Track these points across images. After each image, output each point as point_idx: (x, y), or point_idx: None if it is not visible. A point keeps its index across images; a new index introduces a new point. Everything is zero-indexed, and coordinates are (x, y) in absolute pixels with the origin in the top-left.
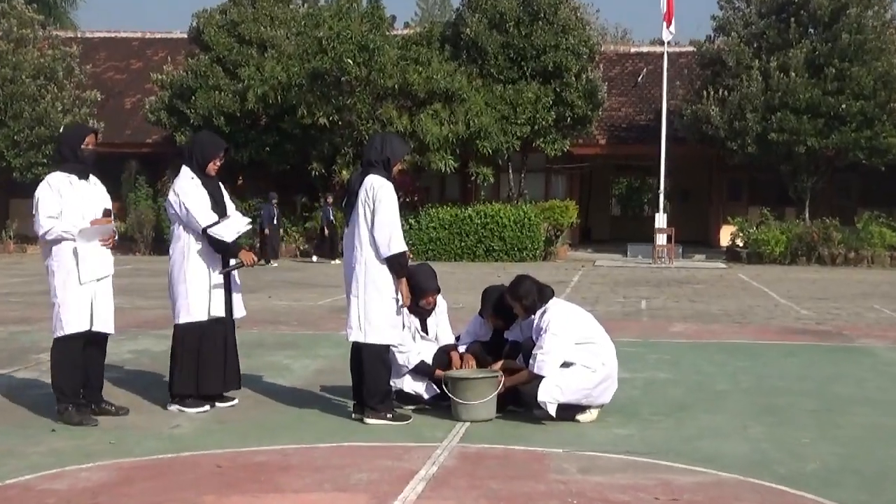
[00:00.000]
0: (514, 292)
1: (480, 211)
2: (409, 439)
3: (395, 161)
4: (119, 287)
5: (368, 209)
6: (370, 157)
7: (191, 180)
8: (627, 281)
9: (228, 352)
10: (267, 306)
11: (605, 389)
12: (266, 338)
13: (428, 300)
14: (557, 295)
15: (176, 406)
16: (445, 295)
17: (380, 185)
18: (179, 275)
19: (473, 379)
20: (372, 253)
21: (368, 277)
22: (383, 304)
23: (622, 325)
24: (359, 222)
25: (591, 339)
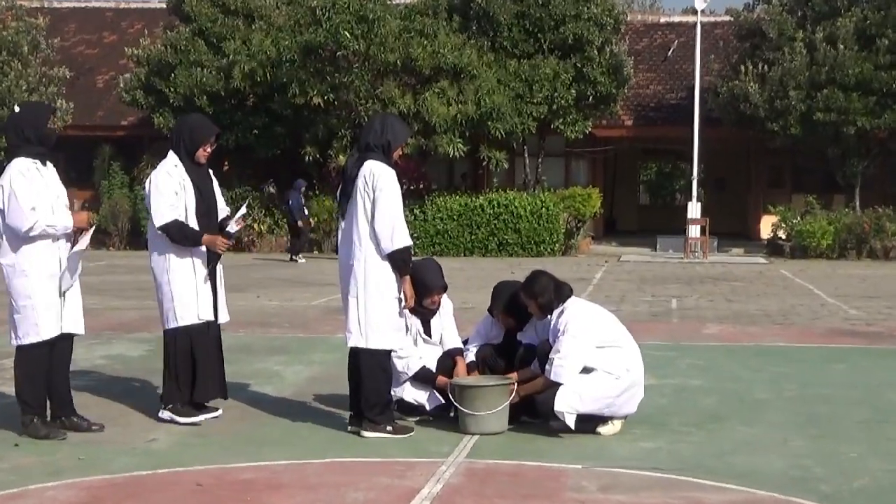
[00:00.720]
0: (529, 289)
1: (493, 200)
2: (410, 454)
3: (396, 146)
4: (91, 286)
5: (368, 199)
6: (368, 141)
7: (174, 168)
8: (656, 278)
9: (212, 358)
10: (255, 306)
11: (630, 398)
12: (254, 342)
13: (433, 299)
14: (578, 293)
15: (168, 413)
16: (453, 294)
17: (380, 171)
18: (162, 276)
19: (483, 387)
20: (372, 248)
21: (369, 276)
22: (385, 304)
23: (650, 327)
24: (357, 214)
25: (615, 343)
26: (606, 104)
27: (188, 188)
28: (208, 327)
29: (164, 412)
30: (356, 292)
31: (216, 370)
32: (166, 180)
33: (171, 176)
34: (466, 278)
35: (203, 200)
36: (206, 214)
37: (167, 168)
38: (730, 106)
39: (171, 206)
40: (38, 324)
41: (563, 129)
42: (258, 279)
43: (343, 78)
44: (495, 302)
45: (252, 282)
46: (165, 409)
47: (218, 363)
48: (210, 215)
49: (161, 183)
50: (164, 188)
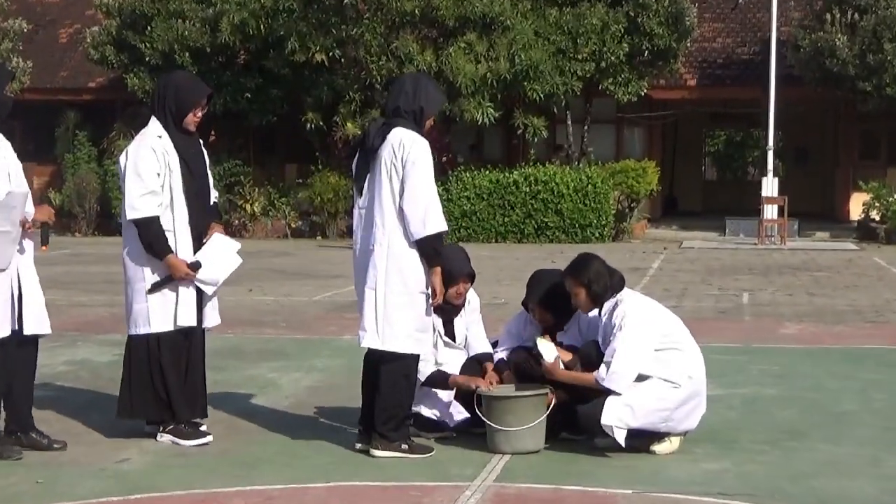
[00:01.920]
0: (580, 275)
1: (529, 176)
2: (429, 477)
3: (429, 113)
4: (54, 278)
5: (396, 174)
6: (398, 104)
7: (157, 140)
8: (725, 267)
9: (191, 372)
10: (247, 303)
11: (691, 410)
12: (245, 344)
13: (458, 290)
14: (632, 286)
15: (168, 437)
16: (481, 287)
17: (412, 141)
18: (136, 271)
19: (515, 398)
20: (399, 232)
21: (391, 264)
22: (410, 300)
23: (716, 326)
24: (381, 191)
25: (675, 345)
26: (665, 60)
27: (174, 166)
28: (186, 337)
29: (162, 435)
30: (375, 283)
31: (192, 387)
32: (148, 159)
33: (154, 152)
34: (497, 268)
35: (194, 178)
36: (198, 195)
37: (149, 141)
38: (813, 62)
39: (151, 194)
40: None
41: (613, 91)
42: (251, 270)
43: (351, 31)
44: (531, 294)
45: (243, 273)
46: (164, 431)
47: (198, 378)
48: (202, 196)
49: (141, 163)
50: (144, 170)
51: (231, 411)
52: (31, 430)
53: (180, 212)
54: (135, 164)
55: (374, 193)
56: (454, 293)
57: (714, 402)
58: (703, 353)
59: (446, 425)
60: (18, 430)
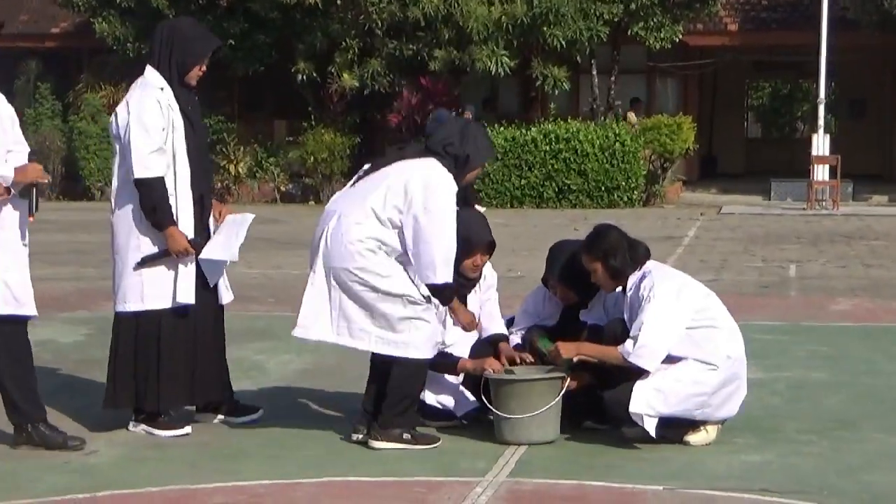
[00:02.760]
0: (595, 249)
1: (549, 133)
2: (435, 471)
3: (474, 165)
4: None
5: (404, 210)
6: (441, 140)
7: (160, 93)
8: (769, 236)
9: (201, 357)
10: (231, 275)
11: (730, 396)
12: (229, 322)
13: (475, 261)
14: (665, 256)
15: (142, 427)
16: (494, 258)
17: (443, 188)
18: (128, 239)
19: (519, 381)
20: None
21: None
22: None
23: (759, 303)
24: (376, 213)
25: (711, 321)
26: (703, 3)
27: (178, 123)
28: (183, 316)
29: (135, 425)
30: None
31: (195, 369)
32: (153, 111)
33: (159, 105)
34: (513, 237)
35: (195, 136)
36: (199, 154)
37: (153, 93)
38: (870, 3)
39: (159, 151)
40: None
41: (643, 37)
42: None
43: None
44: (551, 269)
45: None
46: (137, 420)
47: (214, 357)
48: (202, 155)
49: (146, 115)
50: (151, 124)
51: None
52: (39, 422)
53: (182, 173)
54: (139, 117)
55: (359, 201)
56: (470, 265)
57: (756, 387)
58: (743, 331)
59: (453, 414)
60: (25, 423)
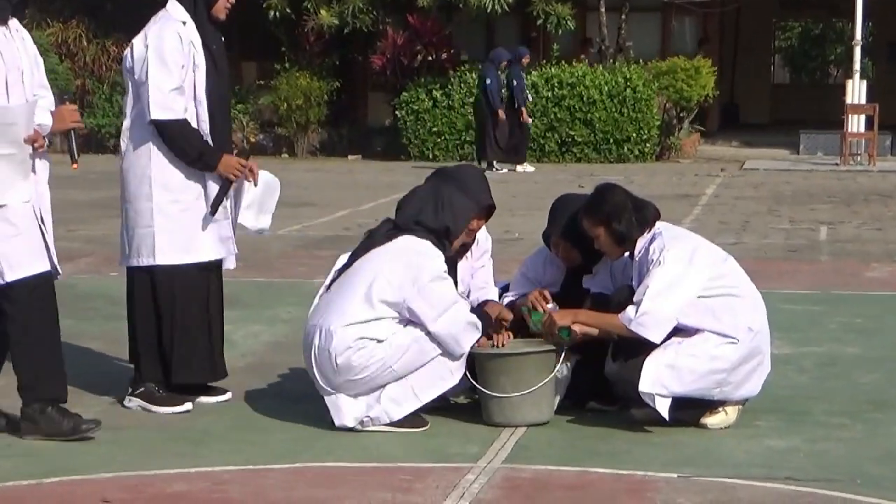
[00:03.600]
0: (597, 211)
1: (552, 77)
2: (422, 457)
3: (457, 233)
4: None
5: (399, 302)
6: (412, 217)
7: (182, 28)
8: (798, 194)
9: (214, 321)
10: None
11: (752, 372)
12: None
13: (470, 225)
14: (680, 217)
15: (137, 402)
16: (490, 220)
17: (428, 265)
18: (140, 187)
19: (511, 355)
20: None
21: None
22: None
23: (786, 269)
24: (361, 317)
25: (730, 290)
26: None
27: (199, 61)
28: (206, 275)
29: (130, 400)
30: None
31: (207, 339)
32: (174, 46)
33: (180, 40)
34: (510, 195)
35: (219, 79)
36: (220, 100)
37: (174, 26)
38: None
39: (178, 90)
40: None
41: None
42: None
43: None
44: (554, 225)
45: None
46: (133, 394)
47: (217, 333)
48: (224, 102)
49: (168, 50)
50: (171, 59)
51: None
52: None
53: (203, 121)
54: (160, 52)
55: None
56: (466, 229)
57: (781, 364)
58: (767, 301)
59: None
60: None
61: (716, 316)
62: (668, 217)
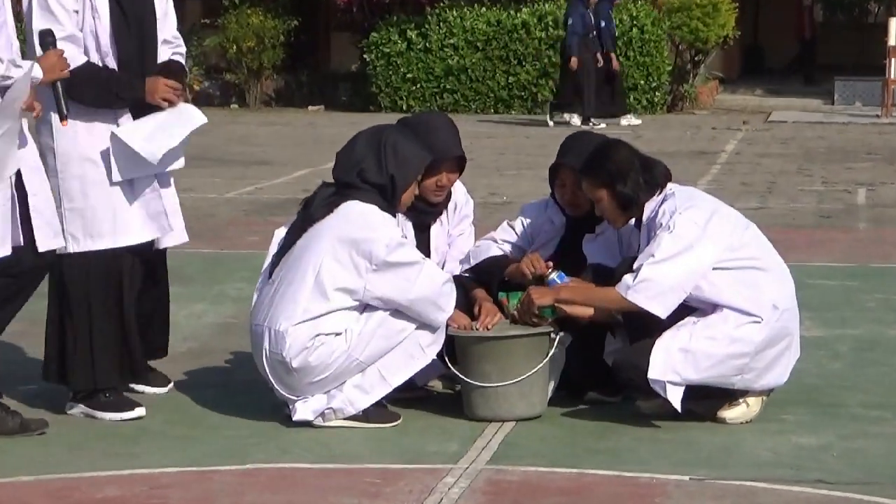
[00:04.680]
0: (599, 171)
1: (546, 15)
2: (393, 457)
3: (404, 183)
4: None
5: (357, 286)
6: (351, 168)
7: None
8: (832, 151)
9: (152, 312)
10: None
11: (778, 358)
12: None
13: (440, 180)
14: (696, 177)
15: (81, 408)
16: (473, 179)
17: (378, 236)
18: (47, 157)
19: (498, 338)
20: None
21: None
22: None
23: (817, 238)
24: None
25: (752, 261)
26: None
27: (101, 8)
28: (118, 260)
29: (73, 406)
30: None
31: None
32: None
33: None
34: (496, 152)
35: (129, 26)
36: (140, 56)
37: None
38: None
39: (68, 39)
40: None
41: None
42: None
43: None
44: (567, 155)
45: None
46: (75, 400)
47: (156, 322)
48: (146, 57)
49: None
50: (56, 4)
51: None
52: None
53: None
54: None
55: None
56: (433, 185)
57: (812, 348)
58: (796, 274)
59: (413, 382)
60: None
61: (737, 292)
62: (682, 178)
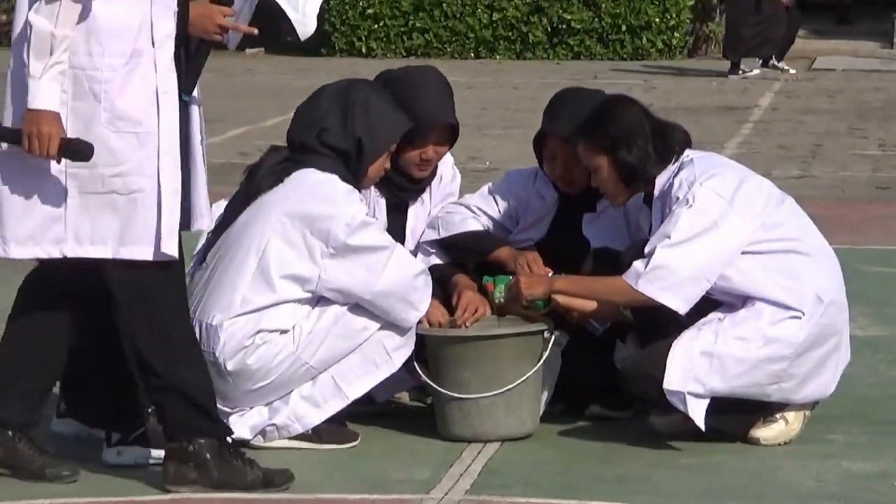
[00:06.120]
0: (599, 132)
1: None
2: (352, 486)
3: (375, 152)
4: None
5: (302, 249)
6: (310, 126)
7: None
8: (891, 105)
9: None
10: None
11: (822, 364)
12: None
13: (426, 152)
14: (722, 140)
15: (116, 452)
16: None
17: (339, 212)
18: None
19: (479, 339)
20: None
21: None
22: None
23: (873, 214)
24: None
25: (791, 244)
26: None
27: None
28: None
29: (111, 453)
30: None
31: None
32: None
33: None
34: (479, 106)
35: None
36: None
37: None
38: None
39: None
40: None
41: None
42: None
43: None
44: (554, 121)
45: None
46: (110, 442)
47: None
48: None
49: None
50: None
51: None
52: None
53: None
54: None
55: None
56: (416, 158)
57: (866, 350)
58: (845, 260)
59: (372, 398)
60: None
61: (772, 280)
62: (706, 140)
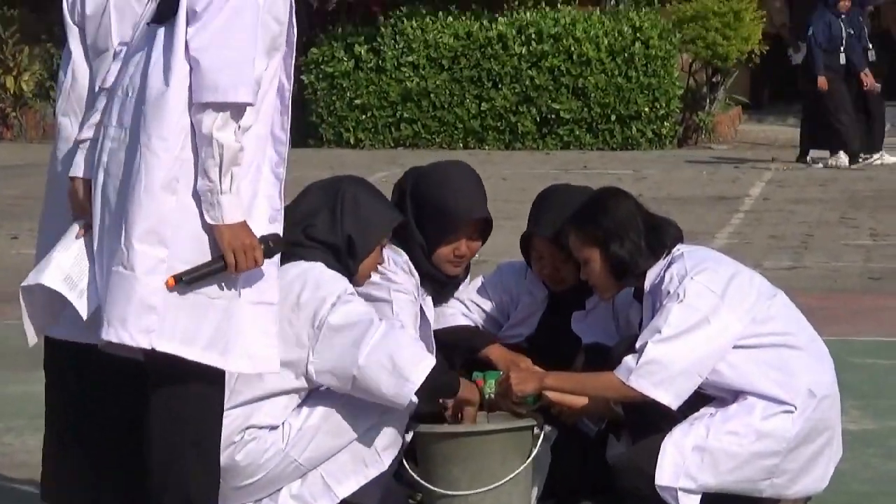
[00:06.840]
0: (591, 223)
1: (527, 26)
2: None
3: (366, 247)
4: None
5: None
6: (299, 221)
7: None
8: (882, 195)
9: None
10: (7, 259)
11: (815, 458)
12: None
13: (457, 248)
14: (713, 230)
15: None
16: None
17: (327, 303)
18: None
19: (468, 434)
20: None
21: None
22: None
23: (865, 306)
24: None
25: (783, 338)
26: None
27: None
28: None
29: None
30: None
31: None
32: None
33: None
34: None
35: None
36: None
37: None
38: None
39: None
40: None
41: None
42: (14, 199)
43: None
44: (539, 221)
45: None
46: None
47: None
48: None
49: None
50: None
51: None
52: None
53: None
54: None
55: None
56: (449, 254)
57: (859, 444)
58: (837, 353)
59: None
60: None
61: (764, 374)
62: (698, 228)
